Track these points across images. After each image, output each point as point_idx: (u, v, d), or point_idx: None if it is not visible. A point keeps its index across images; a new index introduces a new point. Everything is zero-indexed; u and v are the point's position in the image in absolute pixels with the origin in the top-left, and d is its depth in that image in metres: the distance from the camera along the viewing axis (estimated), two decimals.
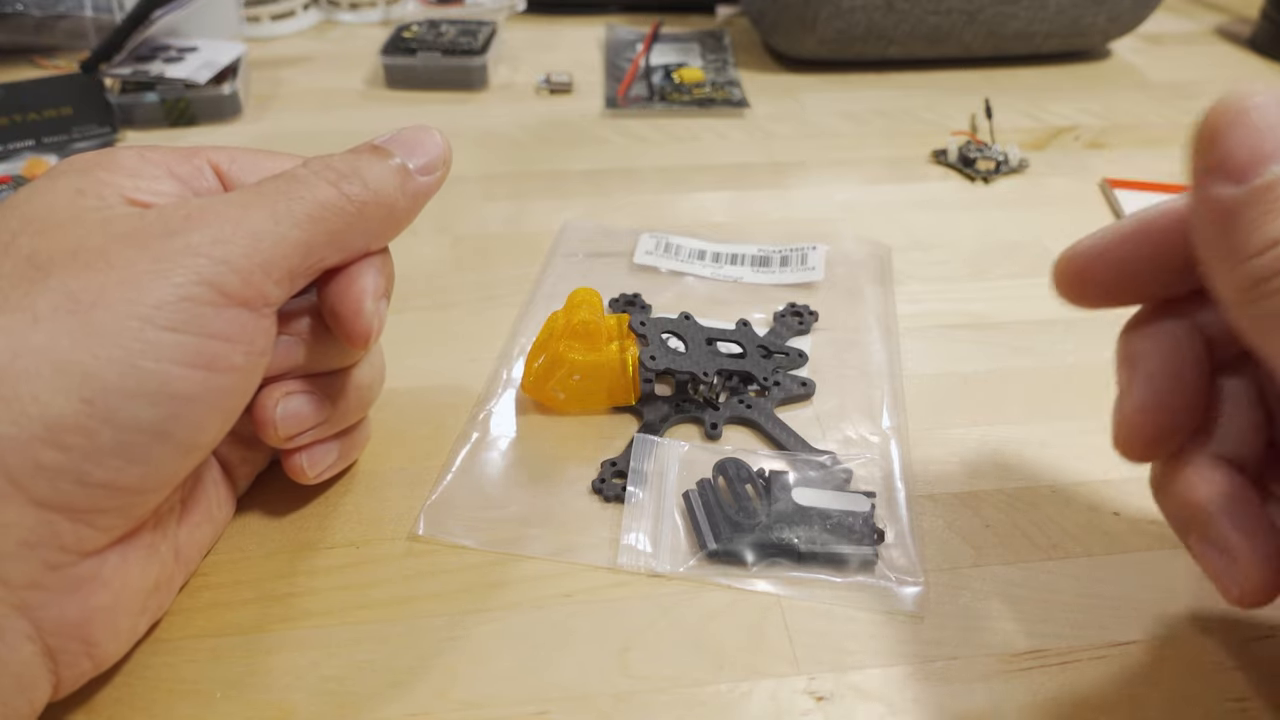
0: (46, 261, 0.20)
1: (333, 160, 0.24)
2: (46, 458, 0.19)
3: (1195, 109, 0.19)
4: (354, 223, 0.24)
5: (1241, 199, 0.18)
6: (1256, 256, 0.18)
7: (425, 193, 0.26)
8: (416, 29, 0.61)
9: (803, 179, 0.49)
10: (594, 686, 0.24)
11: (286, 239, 0.22)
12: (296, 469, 0.27)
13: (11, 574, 0.19)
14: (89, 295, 0.19)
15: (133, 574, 0.22)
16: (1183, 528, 0.23)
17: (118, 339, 0.19)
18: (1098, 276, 0.23)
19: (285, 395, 0.25)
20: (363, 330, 0.24)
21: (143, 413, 0.20)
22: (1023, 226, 0.45)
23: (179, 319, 0.20)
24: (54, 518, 0.19)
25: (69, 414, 0.19)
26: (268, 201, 0.22)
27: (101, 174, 0.22)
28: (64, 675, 0.21)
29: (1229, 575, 0.22)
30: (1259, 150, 0.18)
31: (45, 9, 0.58)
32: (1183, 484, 0.23)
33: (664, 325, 0.34)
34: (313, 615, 0.25)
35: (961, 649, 0.25)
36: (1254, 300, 0.18)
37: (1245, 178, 0.18)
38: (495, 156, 0.51)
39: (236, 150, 0.25)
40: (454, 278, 0.40)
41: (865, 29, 0.58)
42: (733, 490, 0.28)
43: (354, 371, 0.28)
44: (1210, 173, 0.19)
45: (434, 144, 0.26)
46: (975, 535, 0.28)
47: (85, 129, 0.51)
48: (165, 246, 0.20)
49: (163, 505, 0.23)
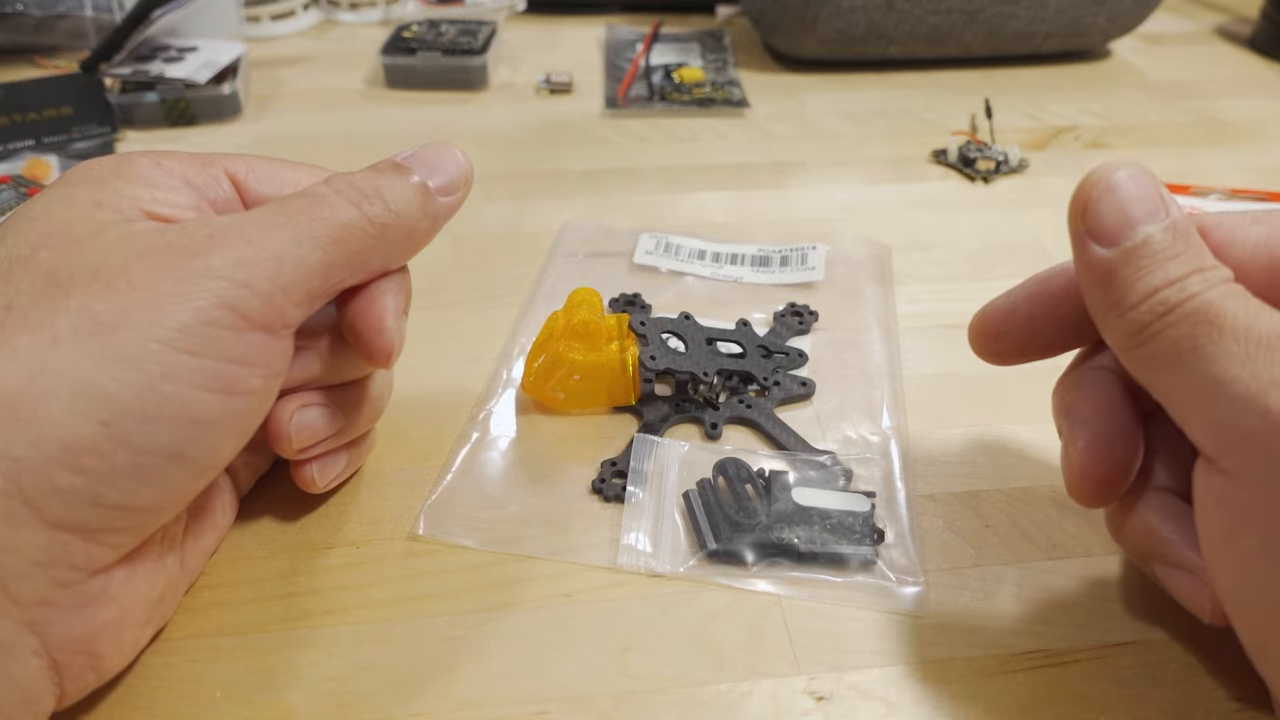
0: (67, 279, 0.20)
1: (354, 179, 0.24)
2: (62, 480, 0.19)
3: (1195, 109, 0.20)
4: (375, 244, 0.23)
5: (1116, 259, 0.21)
6: (1134, 309, 0.20)
7: (445, 214, 0.25)
8: (416, 29, 0.61)
9: (803, 179, 0.49)
10: (594, 686, 0.24)
11: (308, 261, 0.22)
12: (307, 479, 0.27)
13: (23, 592, 0.19)
14: (110, 317, 0.19)
15: (140, 588, 0.22)
16: (1145, 559, 0.24)
17: (138, 362, 0.19)
18: (1010, 333, 0.26)
19: (300, 408, 0.25)
20: (385, 349, 0.24)
21: (160, 436, 0.20)
22: (1023, 226, 0.45)
23: (200, 343, 0.20)
24: (67, 538, 0.19)
25: (86, 437, 0.19)
26: (290, 222, 0.22)
27: (119, 185, 0.22)
28: (68, 688, 0.21)
29: (1199, 594, 0.23)
30: (1127, 216, 0.21)
31: (45, 9, 0.58)
32: (1136, 518, 0.24)
33: (664, 325, 0.34)
34: (313, 615, 0.26)
35: (961, 649, 0.25)
36: (1137, 346, 0.21)
37: (1117, 241, 0.21)
38: (495, 156, 0.51)
39: (253, 159, 0.25)
40: (454, 278, 0.40)
41: (865, 29, 0.58)
42: (733, 490, 0.28)
43: (367, 383, 0.28)
44: (1087, 237, 0.22)
45: (455, 163, 0.26)
46: (975, 535, 0.28)
47: (85, 129, 0.51)
48: (187, 268, 0.20)
49: (171, 520, 0.23)
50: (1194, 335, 0.19)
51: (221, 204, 0.24)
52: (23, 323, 0.19)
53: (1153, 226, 0.21)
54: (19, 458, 0.18)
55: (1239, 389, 0.18)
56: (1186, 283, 0.20)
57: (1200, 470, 0.20)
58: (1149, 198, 0.21)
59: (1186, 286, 0.20)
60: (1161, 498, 0.24)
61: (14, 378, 0.18)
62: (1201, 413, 0.19)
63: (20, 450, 0.18)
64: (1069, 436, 0.24)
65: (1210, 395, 0.19)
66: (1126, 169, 0.22)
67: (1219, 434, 0.19)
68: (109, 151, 0.50)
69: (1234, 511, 0.19)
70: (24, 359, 0.19)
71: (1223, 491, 0.19)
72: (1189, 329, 0.19)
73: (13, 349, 0.19)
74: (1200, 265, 0.20)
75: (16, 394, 0.18)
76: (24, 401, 0.18)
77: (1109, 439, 0.23)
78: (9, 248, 0.20)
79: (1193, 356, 0.19)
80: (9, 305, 0.19)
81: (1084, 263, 0.22)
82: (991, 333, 0.26)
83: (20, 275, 0.20)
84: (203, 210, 0.23)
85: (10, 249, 0.20)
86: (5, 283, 0.20)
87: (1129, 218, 0.21)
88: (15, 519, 0.18)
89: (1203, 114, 0.57)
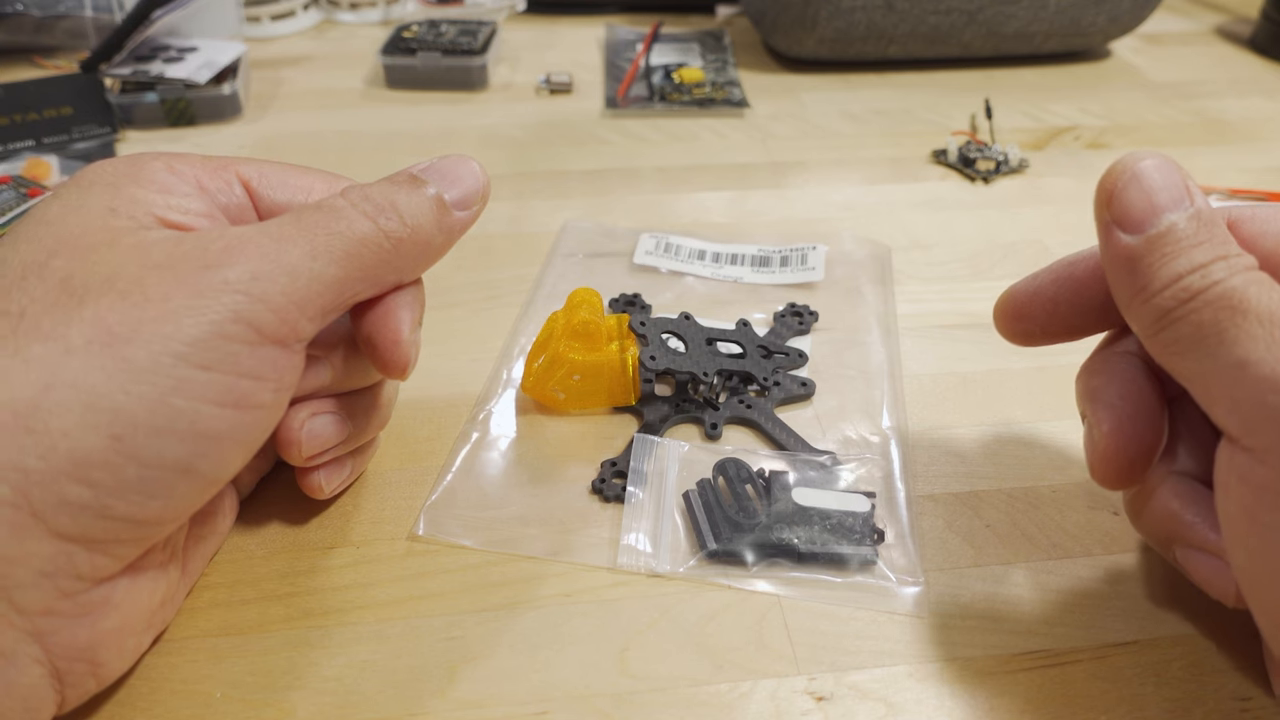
0: (81, 288, 0.19)
1: (370, 191, 0.24)
2: (71, 492, 0.18)
3: (1195, 109, 0.20)
4: (390, 259, 0.23)
5: (1141, 246, 0.21)
6: (1158, 294, 0.21)
7: (461, 228, 0.25)
8: (416, 29, 0.61)
9: (803, 179, 0.49)
10: (594, 686, 0.24)
11: (323, 276, 0.22)
12: (315, 487, 0.27)
13: (27, 602, 0.19)
14: (124, 328, 0.19)
15: (142, 596, 0.22)
16: (1166, 542, 0.24)
17: (151, 376, 0.19)
18: (1034, 314, 0.26)
19: (311, 416, 0.25)
20: (401, 361, 0.24)
21: (170, 450, 0.20)
22: (1023, 226, 0.45)
23: (213, 357, 0.20)
24: (72, 548, 0.19)
25: (97, 450, 0.19)
26: (305, 236, 0.22)
27: (133, 190, 0.22)
28: (68, 695, 0.21)
29: (1221, 576, 0.23)
30: (1152, 204, 0.21)
31: (45, 9, 0.58)
32: (1157, 502, 0.24)
33: (664, 325, 0.34)
34: (313, 615, 0.26)
35: (961, 649, 0.25)
36: (1161, 330, 0.21)
37: (1142, 228, 0.21)
38: (495, 156, 0.51)
39: (266, 164, 0.25)
40: (454, 278, 0.40)
41: (865, 29, 0.58)
42: (733, 490, 0.28)
43: (378, 390, 0.28)
44: (1112, 225, 0.22)
45: (472, 176, 0.26)
46: (975, 535, 0.28)
47: (85, 129, 0.51)
48: (202, 281, 0.20)
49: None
50: (1217, 320, 0.20)
51: (234, 210, 0.24)
52: (35, 331, 0.19)
53: (1177, 214, 0.21)
54: (29, 469, 0.18)
55: (1264, 370, 0.19)
56: (1210, 269, 0.20)
57: (1223, 451, 0.20)
58: (1174, 186, 0.21)
59: (1210, 273, 0.20)
60: (1183, 482, 0.24)
61: (26, 388, 0.18)
62: (1226, 394, 0.20)
63: (31, 462, 0.18)
64: (1093, 420, 0.24)
65: (1234, 377, 0.19)
66: (1152, 158, 0.22)
67: (1243, 413, 0.19)
68: (109, 152, 0.50)
69: (1257, 489, 0.19)
70: (36, 369, 0.18)
71: (1246, 469, 0.19)
72: (1212, 314, 0.20)
73: (25, 359, 0.19)
74: (1224, 253, 0.20)
75: (28, 405, 0.18)
76: (36, 413, 0.18)
77: (1133, 423, 0.23)
78: (22, 254, 0.20)
79: (1216, 341, 0.19)
80: (22, 313, 0.19)
81: (1109, 249, 0.22)
82: (1016, 313, 0.27)
83: (34, 282, 0.20)
84: (215, 217, 0.23)
85: (24, 255, 0.20)
86: (19, 290, 0.20)
87: (1154, 205, 0.21)
88: (22, 530, 0.18)
89: (1203, 114, 0.57)
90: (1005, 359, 0.36)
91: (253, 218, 0.24)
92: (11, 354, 0.19)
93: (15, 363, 0.18)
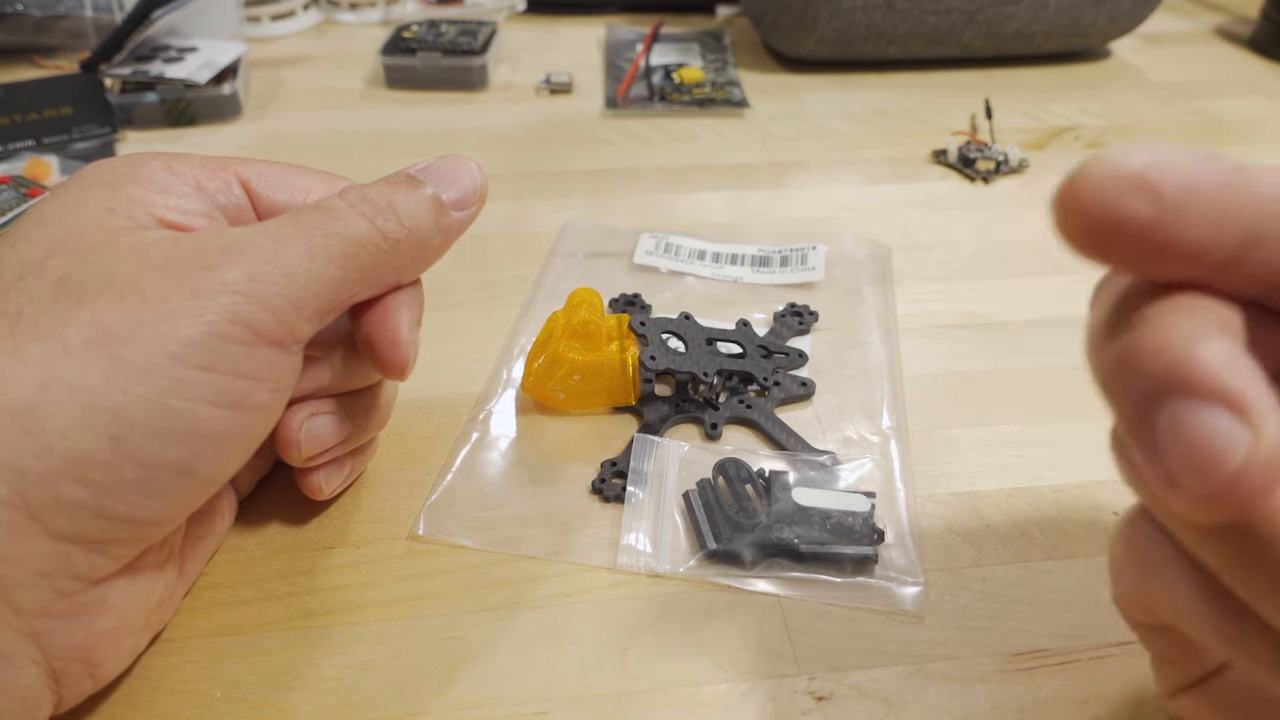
0: (79, 288, 0.19)
1: (368, 192, 0.24)
2: (69, 493, 0.19)
3: (1195, 109, 0.20)
4: (388, 260, 0.23)
5: None
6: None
7: (459, 229, 0.25)
8: (416, 29, 0.61)
9: (803, 179, 0.49)
10: (594, 686, 0.24)
11: (321, 277, 0.22)
12: (314, 488, 0.27)
13: (23, 602, 0.19)
14: (121, 329, 0.19)
15: (139, 596, 0.22)
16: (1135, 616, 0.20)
17: (149, 376, 0.19)
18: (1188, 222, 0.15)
19: (310, 416, 0.25)
20: (400, 362, 0.24)
21: (167, 450, 0.20)
22: (1023, 226, 0.45)
23: (210, 358, 0.20)
24: (69, 549, 0.19)
25: (95, 451, 0.19)
26: (304, 237, 0.22)
27: (132, 190, 0.22)
28: (65, 695, 0.21)
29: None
30: None
31: (45, 9, 0.58)
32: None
33: (664, 325, 0.34)
34: (313, 615, 0.26)
35: (961, 649, 0.25)
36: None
37: None
38: (495, 156, 0.51)
39: (265, 164, 0.25)
40: (454, 278, 0.40)
41: (865, 29, 0.58)
42: (733, 490, 0.28)
43: (377, 390, 0.28)
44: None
45: (470, 176, 0.25)
46: (975, 535, 0.28)
47: (85, 129, 0.51)
48: (200, 281, 0.20)
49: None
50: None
51: (233, 210, 0.24)
52: (33, 331, 0.19)
53: None
54: (26, 470, 0.18)
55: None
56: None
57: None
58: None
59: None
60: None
61: (23, 388, 0.18)
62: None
63: (28, 462, 0.18)
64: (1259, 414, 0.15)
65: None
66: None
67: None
68: (109, 152, 0.50)
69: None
70: (34, 369, 0.18)
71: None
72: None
73: (23, 358, 0.19)
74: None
75: (25, 405, 0.18)
76: (33, 413, 0.18)
77: None
78: (20, 253, 0.20)
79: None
80: (19, 312, 0.19)
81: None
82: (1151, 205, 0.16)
83: (32, 282, 0.20)
84: (214, 217, 0.23)
85: (22, 254, 0.20)
86: (17, 289, 0.20)
87: None
88: (19, 530, 0.18)
89: (1203, 114, 0.57)
90: (1005, 359, 0.36)
91: (251, 218, 0.24)
92: (9, 354, 0.19)
93: (13, 363, 0.18)
